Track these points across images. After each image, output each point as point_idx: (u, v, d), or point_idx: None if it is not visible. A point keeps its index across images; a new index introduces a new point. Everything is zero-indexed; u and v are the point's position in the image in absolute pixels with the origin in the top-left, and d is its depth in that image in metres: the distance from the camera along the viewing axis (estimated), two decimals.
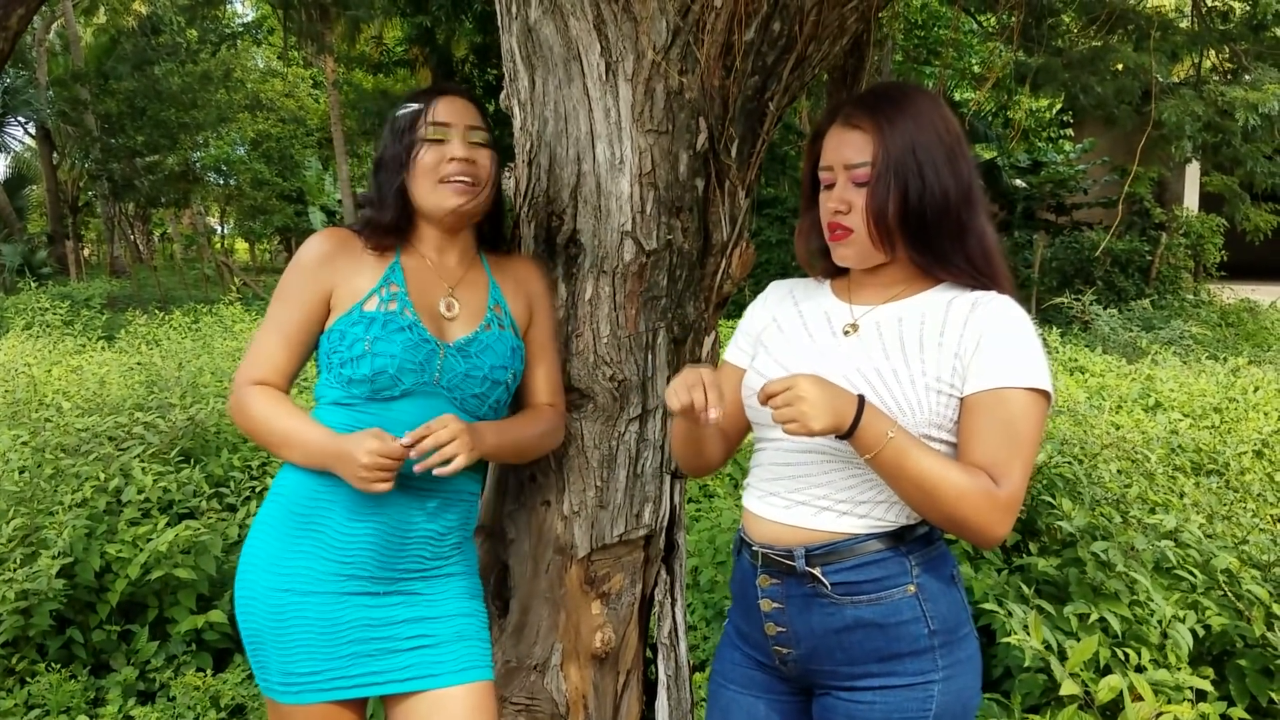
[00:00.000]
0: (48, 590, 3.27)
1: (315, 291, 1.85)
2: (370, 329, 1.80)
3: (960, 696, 1.59)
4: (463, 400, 1.86)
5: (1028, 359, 1.51)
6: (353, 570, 1.80)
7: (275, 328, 1.86)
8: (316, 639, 1.79)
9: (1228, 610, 3.16)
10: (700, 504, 4.72)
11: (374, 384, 1.79)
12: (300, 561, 1.80)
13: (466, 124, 1.88)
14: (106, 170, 21.64)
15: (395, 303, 1.84)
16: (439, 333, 1.86)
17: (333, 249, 1.88)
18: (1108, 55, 8.14)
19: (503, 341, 1.92)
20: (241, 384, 1.85)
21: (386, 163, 1.90)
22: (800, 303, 1.75)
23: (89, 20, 25.86)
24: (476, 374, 1.87)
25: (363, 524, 1.79)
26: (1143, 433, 5.06)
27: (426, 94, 1.91)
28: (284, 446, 1.81)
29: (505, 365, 1.91)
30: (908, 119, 1.55)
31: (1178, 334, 10.78)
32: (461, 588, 1.92)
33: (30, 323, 10.82)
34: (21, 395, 5.48)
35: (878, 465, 1.48)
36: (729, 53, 1.95)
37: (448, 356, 1.85)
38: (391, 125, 1.93)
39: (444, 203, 1.86)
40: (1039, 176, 16.91)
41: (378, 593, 1.81)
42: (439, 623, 1.87)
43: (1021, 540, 3.78)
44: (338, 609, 1.79)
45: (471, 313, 1.92)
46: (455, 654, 1.86)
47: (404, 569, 1.83)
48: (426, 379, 1.82)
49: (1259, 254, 16.44)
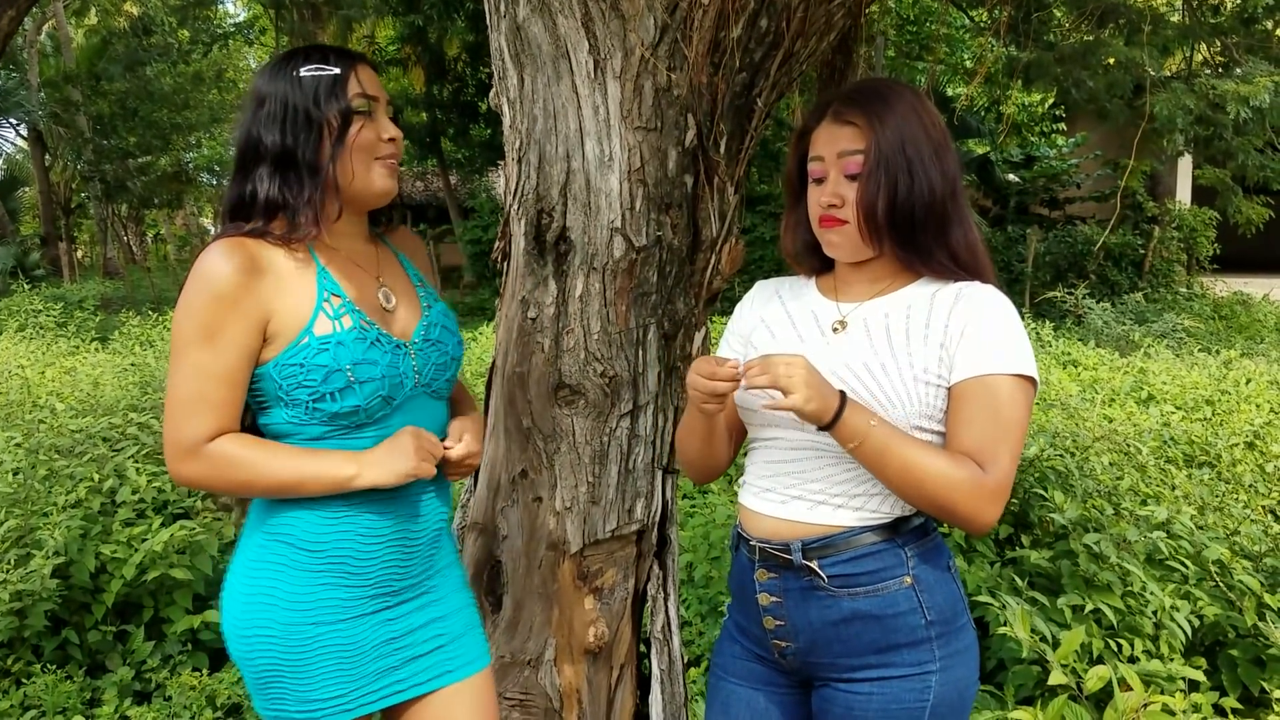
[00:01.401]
0: (42, 591, 3.27)
1: (247, 324, 1.60)
2: (341, 356, 1.61)
3: (958, 686, 1.60)
4: (439, 390, 1.79)
5: (1012, 346, 1.52)
6: (375, 590, 1.71)
7: (211, 375, 1.60)
8: (343, 662, 1.69)
9: (1219, 601, 3.18)
10: (694, 499, 4.73)
11: (366, 411, 1.65)
12: (323, 593, 1.67)
13: (385, 98, 1.73)
14: (99, 171, 21.61)
15: (348, 317, 1.65)
16: (392, 330, 1.73)
17: (247, 270, 1.59)
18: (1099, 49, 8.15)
19: (448, 315, 1.84)
20: (195, 446, 1.60)
21: (298, 133, 1.64)
22: (787, 302, 1.75)
23: (80, 21, 25.82)
24: (444, 359, 1.79)
25: (378, 540, 1.70)
26: (1135, 425, 5.08)
27: (338, 55, 1.69)
28: (298, 484, 1.63)
29: (459, 339, 1.85)
30: (897, 115, 1.57)
31: (1170, 327, 10.81)
32: (458, 578, 1.88)
33: (24, 325, 10.81)
34: (15, 397, 5.49)
35: (862, 456, 1.50)
36: (717, 50, 1.95)
37: (418, 354, 1.74)
38: (294, 85, 1.65)
39: (378, 184, 1.71)
40: (1032, 171, 16.91)
41: (396, 604, 1.74)
42: (450, 618, 1.82)
43: (1014, 532, 3.80)
44: (362, 631, 1.70)
45: (406, 298, 1.79)
46: (465, 647, 1.83)
47: (419, 572, 1.77)
48: (410, 385, 1.72)
49: (1251, 247, 16.48)
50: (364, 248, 1.79)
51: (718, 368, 1.53)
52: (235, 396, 1.62)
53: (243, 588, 1.71)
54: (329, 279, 1.67)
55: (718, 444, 1.75)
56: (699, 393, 1.55)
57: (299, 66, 1.66)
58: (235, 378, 1.61)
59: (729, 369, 1.52)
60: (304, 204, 1.64)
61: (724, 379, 1.52)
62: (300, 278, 1.64)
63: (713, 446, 1.75)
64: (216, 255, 1.59)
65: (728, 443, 1.78)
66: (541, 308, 2.09)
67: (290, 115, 1.64)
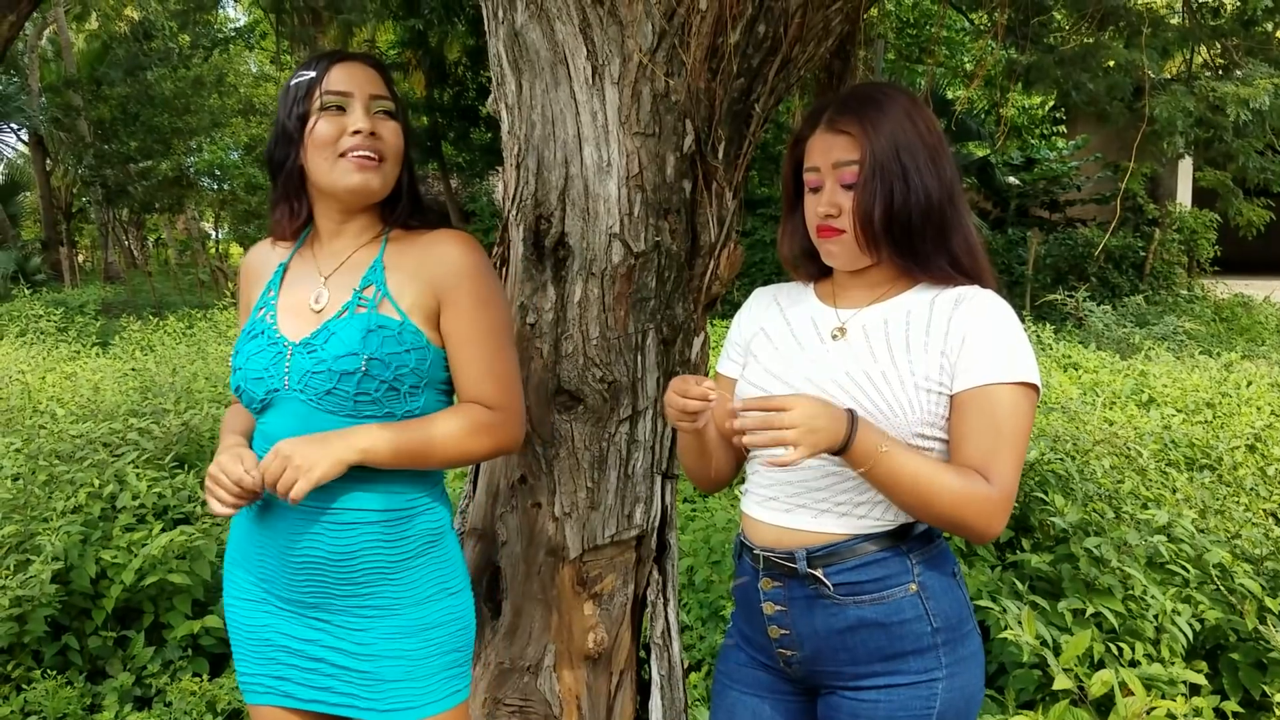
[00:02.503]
0: (42, 596, 3.27)
1: (244, 313, 1.84)
2: (239, 344, 1.76)
3: (964, 693, 1.60)
4: (318, 400, 1.65)
5: (1013, 353, 1.52)
6: (267, 587, 1.74)
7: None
8: (248, 643, 1.78)
9: (1220, 604, 3.17)
10: (694, 504, 4.72)
11: (243, 399, 1.73)
12: (233, 570, 1.82)
13: (370, 93, 1.70)
14: (100, 176, 21.62)
15: (263, 310, 1.75)
16: (298, 332, 1.69)
17: (248, 265, 1.86)
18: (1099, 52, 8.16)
19: (352, 325, 1.66)
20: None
21: (278, 141, 1.72)
22: (786, 309, 1.75)
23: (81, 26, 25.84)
24: (321, 369, 1.64)
25: (262, 541, 1.72)
26: (1135, 428, 5.08)
27: (321, 60, 1.73)
28: None
29: (354, 352, 1.63)
30: (892, 122, 1.56)
31: (1171, 329, 10.81)
32: (389, 628, 1.71)
33: (24, 329, 10.81)
34: (15, 402, 5.49)
35: (872, 479, 1.48)
36: (715, 55, 1.95)
37: (295, 355, 1.67)
38: (283, 97, 1.74)
39: (342, 179, 1.68)
40: (1032, 174, 16.91)
41: (293, 612, 1.73)
42: (363, 660, 1.71)
43: (1015, 537, 3.79)
44: (261, 617, 1.76)
45: (339, 300, 1.72)
46: (385, 693, 1.71)
47: (308, 591, 1.70)
48: (276, 384, 1.67)
49: (1252, 249, 16.47)
50: (341, 246, 1.76)
51: (692, 387, 1.52)
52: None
53: None
54: (278, 275, 1.79)
55: (713, 458, 1.74)
56: (672, 410, 1.55)
57: (293, 78, 1.74)
58: None
59: (700, 389, 1.52)
60: (280, 208, 1.77)
61: (694, 398, 1.52)
62: (269, 273, 1.81)
63: (708, 460, 1.74)
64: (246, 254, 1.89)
65: (727, 456, 1.76)
66: (540, 313, 2.09)
67: (276, 125, 1.74)
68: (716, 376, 1.82)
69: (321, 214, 1.76)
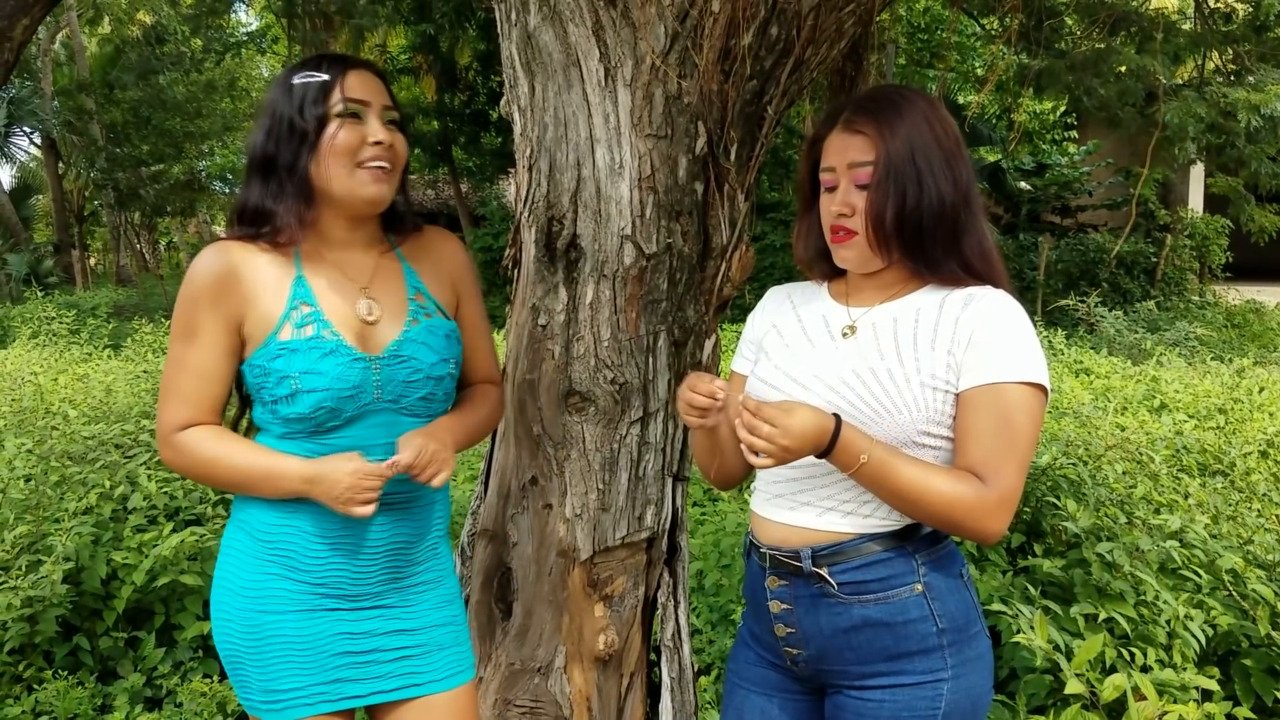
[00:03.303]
0: (53, 597, 3.28)
1: (220, 325, 1.68)
2: (292, 363, 1.65)
3: (970, 695, 1.60)
4: (410, 407, 1.74)
5: (1022, 353, 1.52)
6: (325, 590, 1.73)
7: (186, 368, 1.69)
8: (296, 655, 1.73)
9: (1233, 610, 3.16)
10: (705, 507, 4.72)
11: (314, 420, 1.67)
12: (272, 584, 1.73)
13: (383, 103, 1.71)
14: (112, 179, 21.70)
15: (311, 325, 1.68)
16: (365, 343, 1.71)
17: (226, 271, 1.67)
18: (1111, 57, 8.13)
19: (435, 332, 1.77)
20: (169, 432, 1.70)
21: (280, 140, 1.67)
22: (798, 307, 1.75)
23: (94, 30, 25.94)
24: (417, 377, 1.73)
25: (327, 546, 1.71)
26: (1147, 434, 5.05)
27: (331, 63, 1.70)
28: (250, 485, 1.70)
29: (445, 357, 1.77)
30: (908, 124, 1.56)
31: (1183, 335, 10.76)
32: (437, 597, 1.84)
33: (37, 332, 10.86)
34: (28, 404, 5.50)
35: (858, 480, 1.51)
36: (727, 57, 1.96)
37: (383, 369, 1.71)
38: (285, 94, 1.68)
39: (361, 190, 1.68)
40: (1043, 179, 16.87)
41: (352, 608, 1.75)
42: (419, 634, 1.81)
43: (1026, 541, 3.78)
44: (315, 624, 1.73)
45: (393, 310, 1.76)
46: (438, 662, 1.82)
47: (376, 582, 1.76)
48: (367, 400, 1.69)
49: (1264, 255, 16.39)
50: (359, 256, 1.77)
51: (702, 384, 1.55)
52: (208, 390, 1.70)
53: (216, 572, 1.80)
54: (303, 287, 1.70)
55: (725, 456, 1.75)
56: (683, 405, 1.58)
57: (294, 75, 1.69)
58: (208, 372, 1.69)
59: (709, 387, 1.54)
60: (284, 210, 1.68)
61: (702, 393, 1.54)
62: (277, 283, 1.69)
63: (720, 457, 1.75)
64: (201, 258, 1.69)
65: (738, 454, 1.76)
66: (552, 315, 2.09)
67: (277, 123, 1.68)
68: (730, 375, 1.83)
69: (330, 222, 1.74)
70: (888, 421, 1.53)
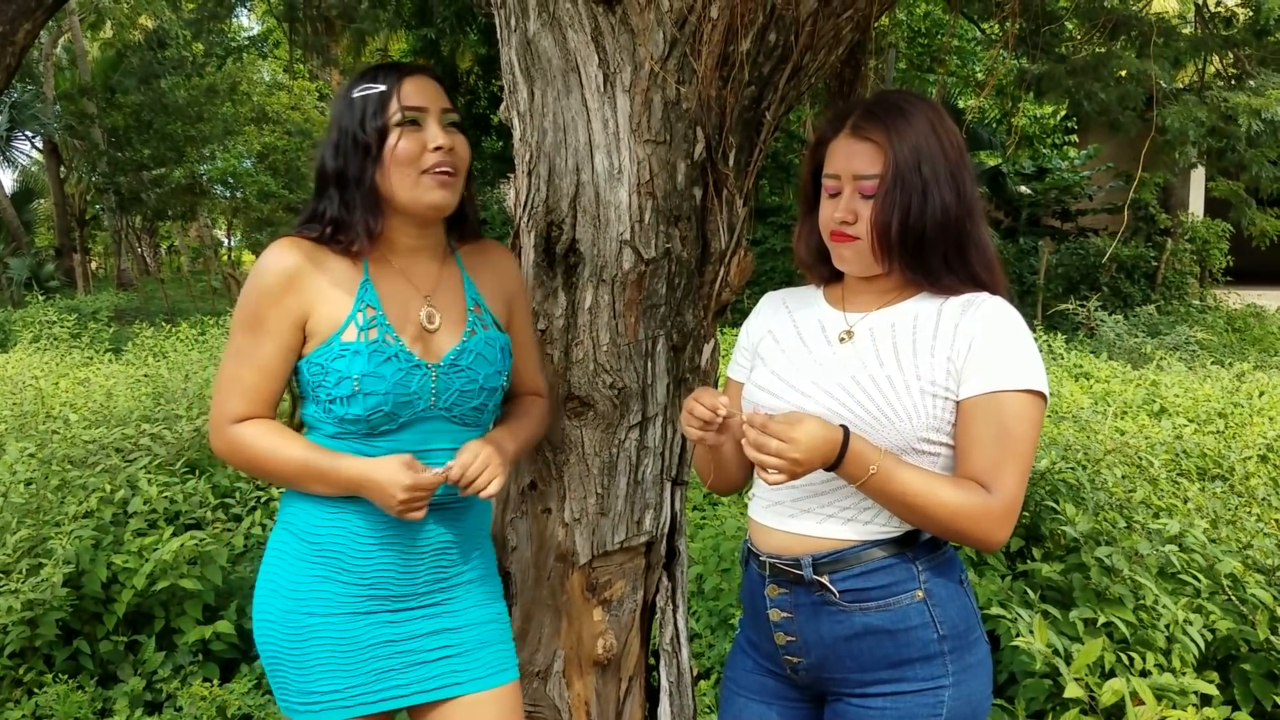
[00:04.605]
0: (53, 600, 3.28)
1: (287, 320, 1.70)
2: (354, 364, 1.68)
3: (971, 701, 1.60)
4: (462, 416, 1.78)
5: (1021, 361, 1.52)
6: (371, 591, 1.74)
7: (249, 361, 1.72)
8: (338, 657, 1.74)
9: (1232, 614, 3.16)
10: (704, 511, 4.72)
11: (370, 422, 1.70)
12: (318, 586, 1.74)
13: (441, 107, 1.73)
14: (113, 183, 21.72)
15: (375, 329, 1.70)
16: (425, 351, 1.74)
17: (296, 268, 1.70)
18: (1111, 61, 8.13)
19: (491, 344, 1.81)
20: (225, 423, 1.72)
21: (347, 154, 1.70)
22: (794, 312, 1.75)
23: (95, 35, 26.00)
24: (472, 387, 1.77)
25: (376, 545, 1.73)
26: (1147, 438, 5.05)
27: (388, 72, 1.72)
28: (304, 480, 1.71)
29: (500, 369, 1.82)
30: (916, 134, 1.56)
31: (1183, 339, 10.75)
32: (481, 594, 1.87)
33: (38, 335, 10.86)
34: (29, 408, 5.51)
35: (866, 491, 1.51)
36: (726, 63, 1.96)
37: (440, 377, 1.74)
38: (348, 108, 1.71)
39: (426, 197, 1.71)
40: (1044, 183, 16.86)
41: (398, 609, 1.76)
42: (461, 632, 1.82)
43: (1025, 545, 3.78)
44: (358, 628, 1.74)
45: (453, 320, 1.79)
46: (481, 660, 1.83)
47: (422, 582, 1.78)
48: (423, 406, 1.73)
49: (1265, 259, 16.41)
50: (425, 264, 1.81)
51: (705, 398, 1.55)
52: (267, 384, 1.73)
53: (260, 573, 1.82)
54: (370, 291, 1.73)
55: (725, 465, 1.75)
56: (685, 414, 1.59)
57: (354, 88, 1.73)
58: (269, 366, 1.72)
59: (712, 401, 1.55)
60: (355, 221, 1.71)
61: (705, 405, 1.55)
62: (345, 285, 1.72)
63: (720, 466, 1.75)
64: (272, 252, 1.71)
65: (739, 463, 1.76)
66: (551, 319, 2.09)
67: (342, 138, 1.71)
68: (726, 382, 1.83)
69: (398, 228, 1.77)
70: (888, 428, 1.53)
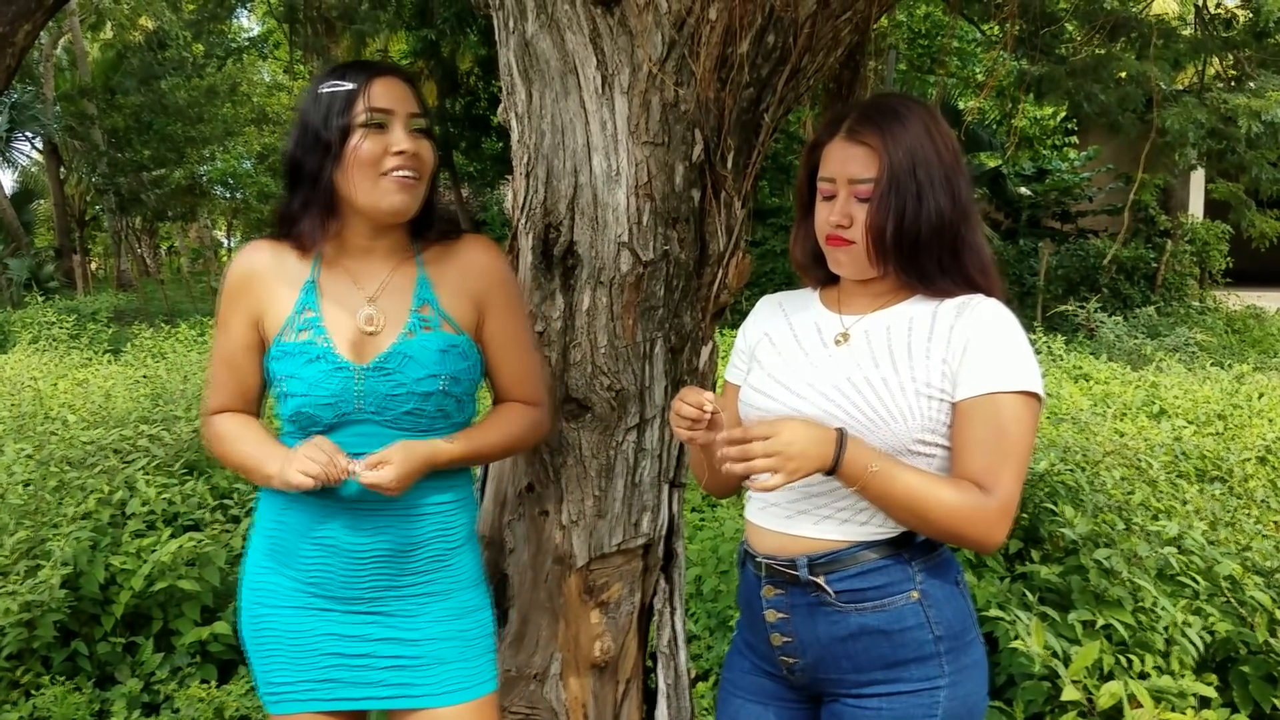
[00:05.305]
0: (51, 602, 3.28)
1: (243, 319, 1.76)
2: (283, 365, 1.71)
3: (966, 702, 1.60)
4: (397, 421, 1.72)
5: (1016, 362, 1.52)
6: (316, 590, 1.76)
7: (220, 357, 1.79)
8: (288, 650, 1.77)
9: (1231, 617, 3.16)
10: (703, 513, 4.72)
11: (297, 423, 1.71)
12: (270, 578, 1.79)
13: (408, 110, 1.70)
14: (113, 184, 21.72)
15: (308, 331, 1.71)
16: (358, 353, 1.72)
17: (249, 271, 1.76)
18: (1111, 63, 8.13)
19: (428, 346, 1.74)
20: (204, 416, 1.82)
21: (308, 149, 1.69)
22: (790, 315, 1.75)
23: (95, 36, 25.99)
24: (400, 391, 1.71)
25: (315, 546, 1.74)
26: (1146, 440, 5.05)
27: (358, 70, 1.70)
28: (249, 471, 1.76)
29: (434, 373, 1.73)
30: (911, 138, 1.56)
31: (1183, 341, 10.76)
32: (442, 610, 1.81)
33: (37, 336, 10.86)
34: (28, 409, 5.50)
35: (864, 494, 1.51)
36: (724, 65, 1.96)
37: (365, 379, 1.70)
38: (314, 103, 1.69)
39: (384, 200, 1.68)
40: (1044, 184, 16.86)
41: (344, 611, 1.76)
42: (418, 645, 1.78)
43: (1024, 547, 3.78)
44: (306, 622, 1.76)
45: (395, 321, 1.75)
46: (435, 676, 1.79)
47: (367, 587, 1.76)
48: (347, 409, 1.70)
49: (1265, 261, 16.41)
50: (376, 265, 1.78)
51: (691, 397, 1.55)
52: (235, 379, 1.80)
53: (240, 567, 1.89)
54: (312, 292, 1.75)
55: (717, 471, 1.74)
56: (673, 415, 1.59)
57: (323, 84, 1.71)
58: (234, 362, 1.79)
59: (698, 399, 1.54)
60: (307, 219, 1.71)
61: (690, 404, 1.54)
62: (293, 285, 1.75)
63: (714, 470, 1.74)
64: (237, 254, 1.80)
65: None
66: (549, 321, 2.09)
67: (304, 134, 1.70)
68: (724, 385, 1.83)
69: (352, 229, 1.75)
70: (883, 430, 1.53)
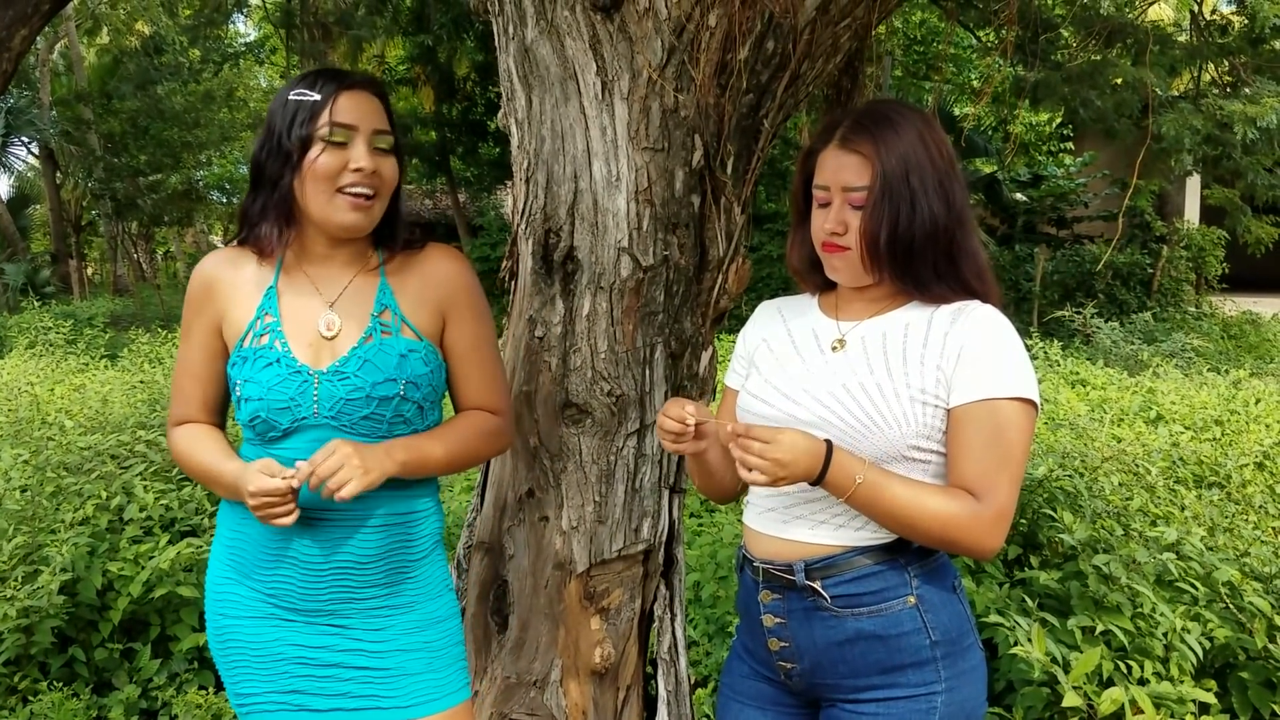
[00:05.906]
0: (49, 608, 3.27)
1: (205, 327, 1.76)
2: (241, 370, 1.70)
3: (964, 708, 1.60)
4: (353, 425, 1.69)
5: (1011, 368, 1.52)
6: (276, 601, 1.74)
7: (183, 367, 1.79)
8: (253, 661, 1.75)
9: (1230, 623, 3.16)
10: (702, 519, 4.71)
11: (254, 428, 1.70)
12: (230, 588, 1.77)
13: (373, 127, 1.68)
14: (110, 189, 21.71)
15: (267, 336, 1.70)
16: (316, 358, 1.70)
17: (211, 279, 1.76)
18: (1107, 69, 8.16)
19: (386, 351, 1.71)
20: (170, 425, 1.82)
21: (271, 154, 1.67)
22: (789, 321, 1.76)
23: (92, 40, 25.99)
24: (358, 396, 1.68)
25: (272, 557, 1.72)
26: (1144, 445, 5.06)
27: (328, 80, 1.68)
28: (208, 483, 1.76)
29: (392, 378, 1.70)
30: (904, 145, 1.56)
31: (1179, 346, 10.78)
32: (409, 623, 1.79)
33: (33, 342, 10.83)
34: (24, 414, 5.49)
35: (853, 504, 1.52)
36: (724, 71, 1.96)
37: (322, 384, 1.68)
38: (281, 109, 1.68)
39: (336, 216, 1.67)
40: (1040, 190, 16.91)
41: (305, 622, 1.74)
42: (385, 657, 1.76)
43: (1023, 553, 3.78)
44: (269, 632, 1.74)
45: (354, 326, 1.73)
46: (403, 688, 1.77)
47: (326, 599, 1.73)
48: (304, 413, 1.68)
49: (1260, 266, 16.43)
50: (337, 271, 1.76)
51: (673, 409, 1.56)
52: (197, 388, 1.79)
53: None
54: (272, 297, 1.74)
55: (716, 474, 1.75)
56: (658, 429, 1.59)
57: (292, 90, 1.69)
58: (197, 371, 1.79)
59: (680, 412, 1.55)
60: (265, 223, 1.70)
61: (673, 418, 1.55)
62: (254, 291, 1.74)
63: (712, 475, 1.75)
64: (200, 263, 1.80)
65: (731, 472, 1.75)
66: (549, 327, 2.09)
67: (269, 135, 1.69)
68: (724, 390, 1.83)
69: (311, 238, 1.74)
70: (877, 436, 1.54)
